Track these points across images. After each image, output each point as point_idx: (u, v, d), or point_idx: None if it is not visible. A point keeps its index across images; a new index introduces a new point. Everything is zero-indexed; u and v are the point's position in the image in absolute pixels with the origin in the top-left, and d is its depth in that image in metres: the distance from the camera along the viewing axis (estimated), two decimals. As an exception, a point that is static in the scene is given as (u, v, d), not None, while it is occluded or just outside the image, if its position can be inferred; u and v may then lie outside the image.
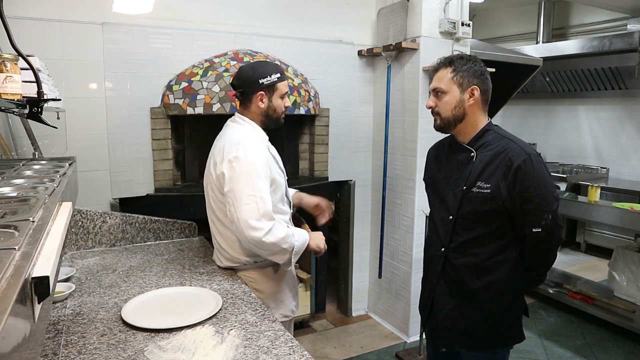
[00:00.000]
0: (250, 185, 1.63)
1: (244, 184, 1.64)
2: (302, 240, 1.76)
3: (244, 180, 1.64)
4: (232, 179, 1.66)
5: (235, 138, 1.73)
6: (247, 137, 1.73)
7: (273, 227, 1.65)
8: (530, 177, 1.49)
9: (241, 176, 1.64)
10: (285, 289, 1.89)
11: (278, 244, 1.66)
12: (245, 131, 1.76)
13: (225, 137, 1.77)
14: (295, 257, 1.74)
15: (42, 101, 1.22)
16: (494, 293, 1.60)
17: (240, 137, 1.73)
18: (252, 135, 1.75)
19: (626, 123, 4.94)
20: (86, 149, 2.42)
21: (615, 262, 3.45)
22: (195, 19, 2.66)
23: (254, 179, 1.64)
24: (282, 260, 1.72)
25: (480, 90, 1.57)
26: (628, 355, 2.97)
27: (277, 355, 1.22)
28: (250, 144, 1.70)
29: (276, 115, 1.80)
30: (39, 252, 0.64)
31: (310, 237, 1.82)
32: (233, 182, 1.65)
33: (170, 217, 2.39)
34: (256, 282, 1.81)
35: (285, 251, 1.70)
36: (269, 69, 1.76)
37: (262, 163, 1.68)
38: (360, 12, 3.22)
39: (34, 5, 2.25)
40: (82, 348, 1.25)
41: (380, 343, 3.13)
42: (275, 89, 1.76)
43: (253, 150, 1.68)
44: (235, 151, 1.67)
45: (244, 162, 1.65)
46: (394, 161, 3.17)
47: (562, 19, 5.41)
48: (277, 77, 1.75)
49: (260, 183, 1.65)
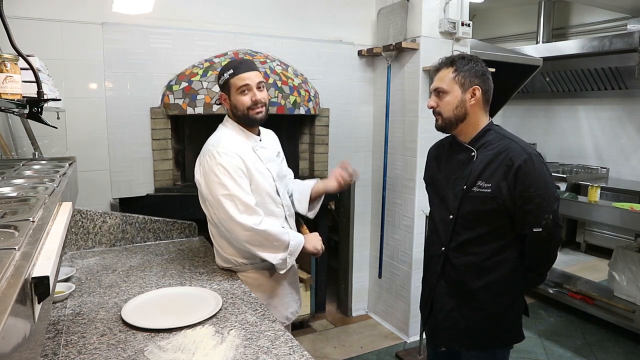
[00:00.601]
0: (223, 185, 1.65)
1: (217, 186, 1.66)
2: (297, 241, 1.75)
3: (215, 182, 1.66)
4: (206, 184, 1.69)
5: (211, 142, 1.76)
6: (222, 139, 1.74)
7: (262, 221, 1.66)
8: (530, 177, 1.48)
9: (213, 179, 1.66)
10: (279, 294, 1.85)
11: (269, 239, 1.66)
12: (224, 133, 1.78)
13: (206, 142, 1.79)
14: (290, 257, 1.73)
15: (42, 101, 1.22)
16: (494, 293, 1.60)
17: (215, 140, 1.75)
18: (227, 136, 1.76)
19: (626, 123, 4.94)
20: (86, 149, 2.42)
21: (615, 262, 3.45)
22: (195, 19, 2.66)
23: (225, 179, 1.65)
24: (276, 260, 1.70)
25: (481, 90, 1.57)
26: (628, 355, 2.97)
27: (277, 355, 1.22)
28: (223, 146, 1.70)
29: (240, 112, 1.74)
30: (39, 252, 0.64)
31: (306, 239, 1.80)
32: (208, 187, 1.69)
33: (170, 217, 2.39)
34: (249, 284, 1.77)
35: (278, 248, 1.69)
36: (224, 68, 1.75)
37: (231, 162, 1.67)
38: (360, 12, 3.22)
39: (34, 5, 2.25)
40: (82, 348, 1.25)
41: (380, 343, 3.12)
42: (229, 85, 1.73)
43: (222, 152, 1.68)
44: (206, 155, 1.70)
45: (213, 164, 1.67)
46: (394, 161, 3.17)
47: (562, 19, 5.41)
48: (229, 74, 1.72)
49: (232, 181, 1.66)
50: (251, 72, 1.73)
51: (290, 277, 1.90)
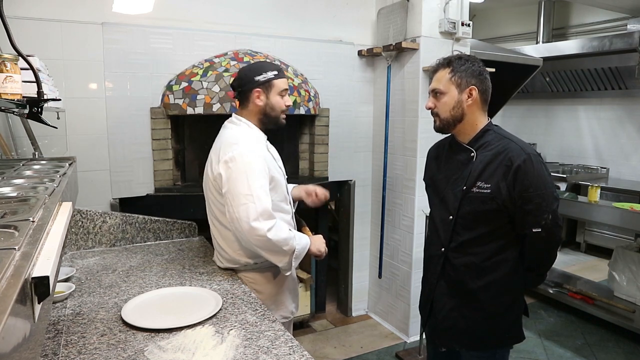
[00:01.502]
0: (247, 185, 1.63)
1: (240, 184, 1.64)
2: (303, 244, 1.75)
3: (240, 180, 1.64)
4: (229, 179, 1.66)
5: (231, 139, 1.73)
6: (243, 137, 1.73)
7: (275, 226, 1.64)
8: (530, 177, 1.49)
9: (237, 177, 1.64)
10: (285, 290, 1.89)
11: (279, 244, 1.65)
12: (242, 131, 1.76)
13: (222, 139, 1.77)
14: (295, 261, 1.73)
15: (42, 101, 1.22)
16: (494, 293, 1.60)
17: (236, 137, 1.73)
18: (248, 135, 1.75)
19: (626, 123, 4.94)
20: (86, 149, 2.42)
21: (615, 262, 3.45)
22: (195, 19, 2.66)
23: (250, 179, 1.64)
24: (282, 263, 1.71)
25: (478, 90, 1.57)
26: (628, 355, 2.97)
27: (277, 355, 1.22)
28: (246, 144, 1.70)
29: (275, 113, 1.78)
30: (39, 252, 0.64)
31: (311, 241, 1.81)
32: (230, 183, 1.65)
33: (170, 217, 2.39)
34: (256, 283, 1.81)
35: (286, 253, 1.69)
36: (265, 66, 1.77)
37: (258, 162, 1.68)
38: (360, 12, 3.22)
39: (34, 5, 2.25)
40: (82, 348, 1.25)
41: (380, 343, 3.13)
42: (272, 85, 1.75)
43: (249, 150, 1.68)
44: (231, 152, 1.67)
45: (240, 162, 1.65)
46: (394, 161, 3.17)
47: (562, 19, 5.41)
48: (274, 74, 1.75)
49: (257, 182, 1.64)
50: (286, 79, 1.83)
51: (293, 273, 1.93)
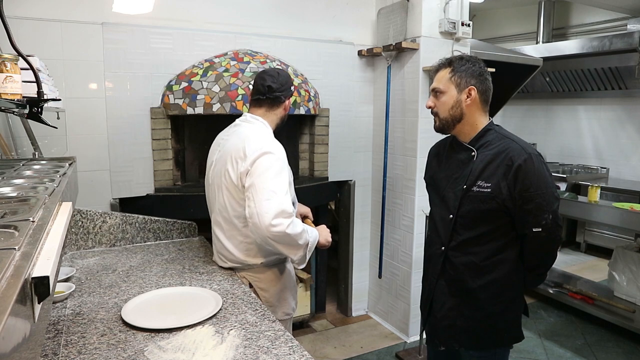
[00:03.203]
0: (274, 181, 1.64)
1: (268, 179, 1.63)
2: (314, 236, 1.77)
3: (268, 175, 1.64)
4: (255, 174, 1.65)
5: (256, 136, 1.74)
6: (268, 136, 1.76)
7: (293, 221, 1.66)
8: (530, 177, 1.49)
9: (266, 171, 1.64)
10: (287, 287, 1.91)
11: (295, 238, 1.66)
12: (262, 130, 1.78)
13: (242, 135, 1.76)
14: (309, 253, 1.75)
15: (42, 101, 1.22)
16: (493, 292, 1.60)
17: (261, 134, 1.75)
18: (269, 134, 1.79)
19: (626, 123, 4.94)
20: (86, 149, 2.42)
21: (615, 262, 3.45)
22: (195, 19, 2.67)
23: (278, 176, 1.65)
24: (297, 256, 1.71)
25: (478, 90, 1.57)
26: (628, 355, 2.97)
27: (277, 355, 1.22)
28: (274, 143, 1.73)
29: (286, 117, 1.91)
30: (39, 252, 0.64)
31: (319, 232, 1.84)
32: (255, 177, 1.65)
33: (170, 217, 2.39)
34: (261, 281, 1.82)
35: (300, 247, 1.70)
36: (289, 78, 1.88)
37: (285, 161, 1.71)
38: (360, 12, 3.22)
39: (34, 5, 2.25)
40: (82, 348, 1.25)
41: (380, 343, 3.13)
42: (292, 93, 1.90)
43: (277, 149, 1.71)
44: (261, 148, 1.68)
45: (272, 158, 1.67)
46: (394, 161, 3.17)
47: (562, 19, 5.41)
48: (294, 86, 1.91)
49: (283, 181, 1.66)
50: None
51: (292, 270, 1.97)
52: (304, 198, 2.35)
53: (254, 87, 1.85)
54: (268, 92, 1.80)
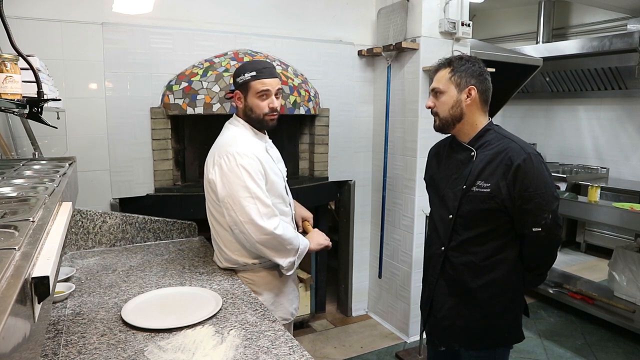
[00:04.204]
0: (245, 187, 1.63)
1: (239, 188, 1.63)
2: (305, 244, 1.77)
3: (237, 183, 1.64)
4: (226, 184, 1.65)
5: (226, 141, 1.73)
6: (238, 139, 1.72)
7: (280, 224, 1.65)
8: (530, 177, 1.49)
9: (234, 180, 1.64)
10: (285, 292, 1.88)
11: (284, 243, 1.66)
12: (238, 133, 1.76)
13: (218, 141, 1.77)
14: (298, 260, 1.74)
15: (42, 101, 1.22)
16: (493, 292, 1.60)
17: (231, 140, 1.72)
18: (243, 136, 1.75)
19: (626, 123, 4.94)
20: (86, 149, 2.42)
21: (615, 262, 3.45)
22: (195, 19, 2.66)
23: (247, 181, 1.64)
24: (285, 263, 1.71)
25: (477, 90, 1.58)
26: (628, 355, 2.97)
27: (277, 355, 1.22)
28: (241, 147, 1.68)
29: (255, 115, 1.74)
30: (39, 252, 0.64)
31: (311, 239, 1.83)
32: (227, 188, 1.65)
33: (170, 217, 2.39)
34: (254, 284, 1.80)
35: (289, 252, 1.70)
36: (246, 67, 1.73)
37: (252, 164, 1.67)
38: (360, 12, 3.22)
39: (34, 5, 2.25)
40: (82, 348, 1.25)
41: (380, 343, 3.13)
42: (248, 87, 1.71)
43: (243, 153, 1.67)
44: (224, 156, 1.67)
45: (234, 165, 1.65)
46: (394, 161, 3.17)
47: (562, 19, 5.41)
48: (251, 75, 1.69)
49: (254, 183, 1.65)
50: (273, 78, 1.73)
51: (293, 274, 1.93)
52: (303, 198, 2.35)
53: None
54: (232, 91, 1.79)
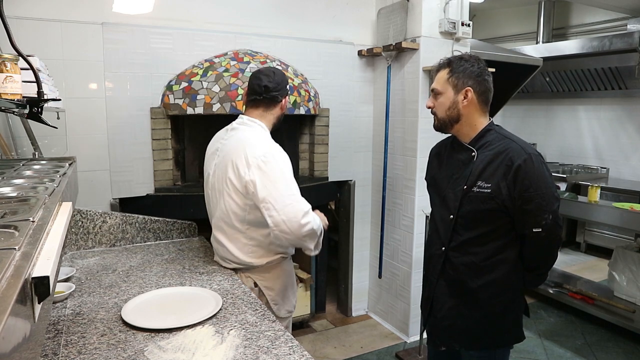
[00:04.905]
0: (287, 186, 1.65)
1: (282, 187, 1.64)
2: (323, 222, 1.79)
3: (280, 183, 1.64)
4: (267, 185, 1.63)
5: (256, 141, 1.72)
6: (267, 140, 1.75)
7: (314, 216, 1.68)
8: (530, 177, 1.49)
9: (276, 180, 1.64)
10: (289, 285, 1.93)
11: (317, 232, 1.70)
12: (261, 133, 1.77)
13: (242, 140, 1.73)
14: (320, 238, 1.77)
15: (42, 101, 1.22)
16: (493, 292, 1.60)
17: (261, 140, 1.73)
18: (268, 136, 1.78)
19: (626, 123, 4.94)
20: (86, 149, 2.42)
21: (615, 262, 3.45)
22: (195, 19, 2.66)
23: (288, 180, 1.66)
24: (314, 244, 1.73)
25: (475, 91, 1.57)
26: (628, 355, 2.97)
27: (277, 355, 1.22)
28: (275, 146, 1.72)
29: (282, 117, 1.89)
30: (39, 252, 0.64)
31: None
32: (269, 188, 1.63)
33: (170, 217, 2.39)
34: (267, 280, 1.83)
35: (320, 237, 1.74)
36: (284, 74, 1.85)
37: (288, 164, 1.71)
38: (360, 12, 3.22)
39: (34, 5, 2.25)
40: (82, 348, 1.25)
41: (380, 343, 3.13)
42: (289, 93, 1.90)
43: (280, 152, 1.71)
44: (263, 156, 1.66)
45: (276, 165, 1.66)
46: (394, 161, 3.17)
47: (562, 19, 5.41)
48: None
49: (293, 182, 1.68)
50: None
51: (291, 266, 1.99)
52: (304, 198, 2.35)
53: (249, 87, 1.81)
54: (264, 92, 1.77)
